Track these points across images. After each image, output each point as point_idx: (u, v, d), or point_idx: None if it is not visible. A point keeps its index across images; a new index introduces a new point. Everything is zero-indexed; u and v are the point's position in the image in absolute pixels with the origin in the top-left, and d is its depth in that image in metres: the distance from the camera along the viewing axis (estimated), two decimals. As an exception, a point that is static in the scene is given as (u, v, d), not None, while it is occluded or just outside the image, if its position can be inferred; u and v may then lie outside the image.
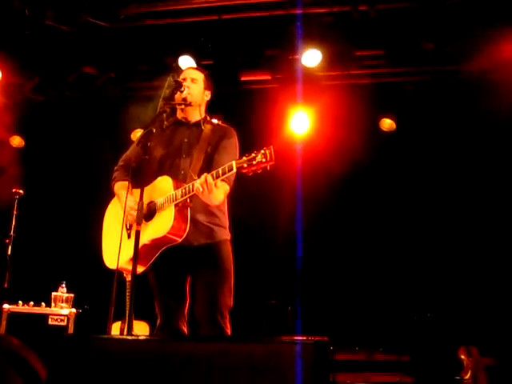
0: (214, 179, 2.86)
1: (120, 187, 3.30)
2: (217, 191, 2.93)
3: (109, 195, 3.46)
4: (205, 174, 2.88)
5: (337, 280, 5.79)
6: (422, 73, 5.73)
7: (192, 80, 3.31)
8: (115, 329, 4.48)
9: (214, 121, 3.36)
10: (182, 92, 3.24)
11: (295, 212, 5.51)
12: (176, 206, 3.00)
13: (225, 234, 3.25)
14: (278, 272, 5.75)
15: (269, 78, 5.79)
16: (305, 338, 1.86)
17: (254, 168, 2.80)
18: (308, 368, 1.78)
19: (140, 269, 3.02)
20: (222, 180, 2.93)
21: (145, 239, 2.96)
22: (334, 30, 5.23)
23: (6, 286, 4.60)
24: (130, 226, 3.15)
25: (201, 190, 2.86)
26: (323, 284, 5.76)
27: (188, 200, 3.01)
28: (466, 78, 5.41)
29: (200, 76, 3.37)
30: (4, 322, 4.50)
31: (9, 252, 4.69)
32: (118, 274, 3.06)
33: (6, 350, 2.06)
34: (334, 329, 5.18)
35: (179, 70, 3.57)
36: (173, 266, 3.17)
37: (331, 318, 5.54)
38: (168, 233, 2.99)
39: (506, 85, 5.04)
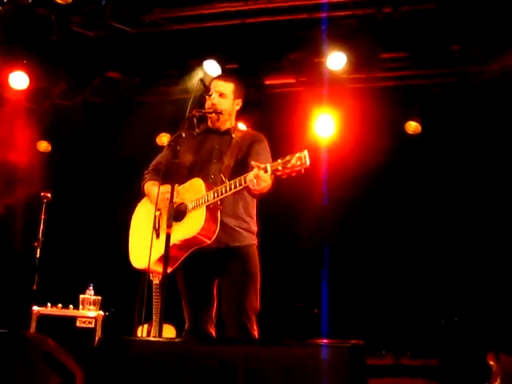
0: (265, 172, 2.85)
1: (151, 185, 3.33)
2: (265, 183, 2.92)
3: (136, 198, 3.50)
4: (255, 169, 2.86)
5: (363, 283, 5.75)
6: (448, 74, 5.67)
7: (220, 95, 3.28)
8: (141, 331, 4.50)
9: (244, 127, 3.39)
10: (210, 96, 3.26)
11: (321, 215, 5.49)
12: (207, 207, 3.02)
13: (252, 239, 3.27)
14: (304, 275, 5.73)
15: (293, 81, 5.78)
16: (340, 342, 1.85)
17: (288, 171, 2.81)
18: (344, 372, 1.77)
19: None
20: None
21: (174, 239, 2.97)
22: (358, 33, 5.20)
23: (34, 288, 4.66)
24: (159, 226, 3.17)
25: (255, 181, 2.86)
26: (349, 287, 5.73)
27: (218, 202, 3.03)
28: (493, 79, 5.34)
29: (229, 89, 3.32)
30: (34, 324, 4.57)
31: (37, 255, 4.75)
32: (147, 274, 3.09)
33: (44, 350, 2.10)
34: (360, 332, 5.15)
35: (207, 76, 3.58)
36: (201, 268, 3.20)
37: (357, 322, 5.51)
38: (198, 234, 3.01)
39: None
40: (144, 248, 3.09)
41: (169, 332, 4.68)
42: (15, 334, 2.18)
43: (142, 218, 3.34)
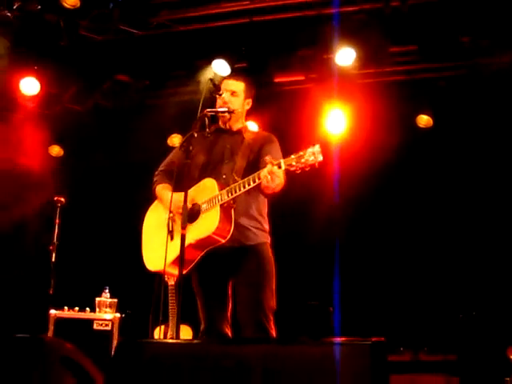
0: (279, 168, 2.86)
1: (162, 188, 3.34)
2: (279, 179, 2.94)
3: (148, 200, 3.50)
4: (269, 165, 2.87)
5: (378, 280, 5.72)
6: (459, 67, 5.62)
7: (232, 93, 3.28)
8: (158, 332, 4.52)
9: (254, 126, 3.38)
10: (220, 95, 3.26)
11: (333, 212, 5.47)
12: (221, 206, 3.02)
13: (265, 237, 3.28)
14: (318, 273, 5.71)
15: (303, 78, 5.76)
16: (360, 339, 1.84)
17: (301, 166, 2.82)
18: (365, 371, 1.75)
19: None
20: None
21: (190, 239, 2.98)
22: (366, 28, 5.17)
23: (51, 292, 4.70)
24: (173, 228, 3.17)
25: (269, 177, 2.86)
26: (365, 284, 5.70)
27: (232, 201, 3.03)
28: (505, 71, 5.27)
29: (240, 87, 3.32)
30: (51, 327, 4.61)
31: (53, 259, 4.78)
32: (162, 276, 3.10)
33: (62, 354, 2.10)
34: (376, 329, 5.11)
35: (216, 75, 3.58)
36: (215, 268, 3.19)
37: (374, 318, 5.48)
38: (213, 233, 3.01)
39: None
40: (158, 250, 3.09)
41: (185, 332, 4.69)
42: (34, 339, 2.19)
43: (155, 221, 3.34)
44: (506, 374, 4.55)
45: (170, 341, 3.05)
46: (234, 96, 3.29)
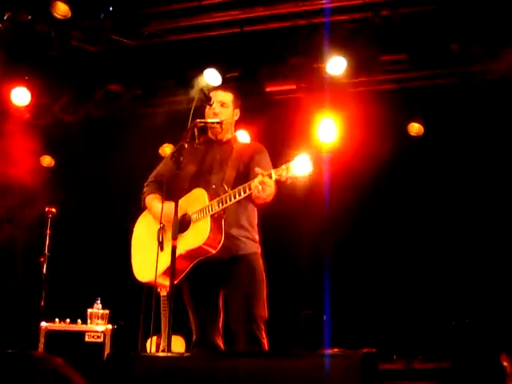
0: (269, 178, 2.87)
1: (152, 199, 3.33)
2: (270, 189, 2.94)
3: (139, 211, 3.49)
4: (260, 175, 2.87)
5: (371, 289, 5.71)
6: (448, 75, 5.66)
7: (222, 105, 3.30)
8: (150, 344, 4.48)
9: (244, 139, 3.38)
10: (211, 105, 3.26)
11: (324, 221, 5.48)
12: (212, 217, 3.01)
13: (256, 247, 3.27)
14: (309, 284, 5.70)
15: (294, 87, 5.78)
16: (351, 350, 1.83)
17: (292, 176, 2.82)
18: (356, 381, 1.74)
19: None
20: None
21: (180, 250, 2.96)
22: (357, 37, 5.20)
23: (42, 304, 4.66)
24: (163, 238, 3.15)
25: (260, 187, 2.86)
26: (357, 294, 5.69)
27: (222, 212, 3.03)
28: (495, 79, 5.32)
29: (229, 98, 3.34)
30: (42, 340, 4.56)
31: (44, 271, 4.74)
32: (153, 287, 3.08)
33: (52, 370, 2.07)
34: (370, 337, 5.11)
35: (207, 85, 3.59)
36: (206, 279, 3.18)
37: (368, 327, 5.47)
38: (204, 244, 3.00)
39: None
40: (148, 261, 3.08)
41: (178, 344, 4.66)
42: (22, 354, 2.16)
43: (144, 232, 3.33)
44: (500, 382, 4.55)
45: (161, 354, 3.03)
46: (224, 107, 3.31)
